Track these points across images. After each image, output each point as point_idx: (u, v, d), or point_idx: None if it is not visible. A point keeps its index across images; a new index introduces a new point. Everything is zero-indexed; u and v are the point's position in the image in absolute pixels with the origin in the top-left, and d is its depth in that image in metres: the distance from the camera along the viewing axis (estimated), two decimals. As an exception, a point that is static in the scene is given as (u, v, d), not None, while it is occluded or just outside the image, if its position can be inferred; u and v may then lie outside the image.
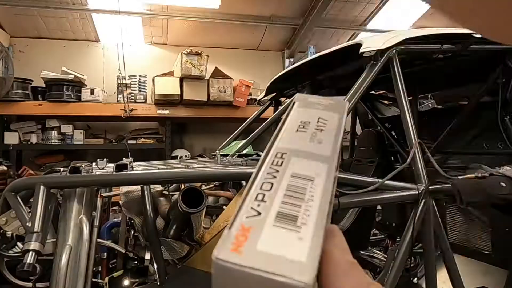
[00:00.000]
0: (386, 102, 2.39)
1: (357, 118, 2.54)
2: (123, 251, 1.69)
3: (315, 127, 0.17)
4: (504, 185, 1.33)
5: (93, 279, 1.43)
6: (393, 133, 2.18)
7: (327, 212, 0.14)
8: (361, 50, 1.41)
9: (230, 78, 3.78)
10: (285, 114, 0.19)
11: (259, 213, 0.13)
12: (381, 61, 1.40)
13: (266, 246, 0.12)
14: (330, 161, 0.16)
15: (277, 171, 0.15)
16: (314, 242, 0.12)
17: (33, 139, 3.67)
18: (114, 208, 2.22)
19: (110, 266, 1.77)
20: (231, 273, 0.11)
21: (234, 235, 0.12)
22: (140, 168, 1.30)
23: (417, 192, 1.28)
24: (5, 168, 3.10)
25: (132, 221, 1.66)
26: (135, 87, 3.94)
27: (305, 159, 0.16)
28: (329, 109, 0.18)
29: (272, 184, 0.14)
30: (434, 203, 1.30)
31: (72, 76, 3.57)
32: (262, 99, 2.45)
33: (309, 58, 1.93)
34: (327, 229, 0.16)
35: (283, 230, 0.12)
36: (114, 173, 1.22)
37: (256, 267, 0.11)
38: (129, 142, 3.87)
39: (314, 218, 0.13)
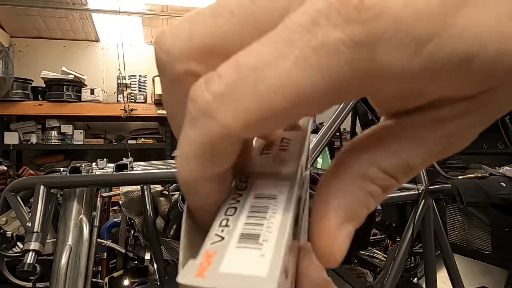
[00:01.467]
0: (386, 102, 2.39)
1: (357, 118, 2.54)
2: (123, 251, 1.69)
3: (278, 148, 0.18)
4: (504, 185, 1.33)
5: (93, 279, 1.42)
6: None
7: (290, 225, 0.14)
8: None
9: (230, 78, 3.77)
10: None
11: (223, 238, 0.13)
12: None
13: (229, 267, 0.12)
14: (292, 178, 0.16)
15: (241, 195, 0.15)
16: (276, 256, 0.12)
17: (33, 139, 3.67)
18: (114, 208, 2.22)
19: (110, 266, 1.77)
20: None
21: (199, 263, 0.12)
22: (140, 168, 1.30)
23: (417, 192, 1.28)
24: (5, 168, 3.09)
25: (132, 221, 1.66)
26: (135, 87, 3.94)
27: (268, 180, 0.16)
28: (292, 129, 0.19)
29: (235, 208, 0.14)
30: (434, 203, 1.30)
31: (72, 76, 3.57)
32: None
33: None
34: (302, 248, 0.16)
35: (245, 250, 0.13)
36: (114, 173, 1.22)
37: (218, 287, 0.11)
38: (129, 142, 3.86)
39: (276, 233, 0.13)
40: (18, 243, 1.21)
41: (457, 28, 0.11)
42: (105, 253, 1.77)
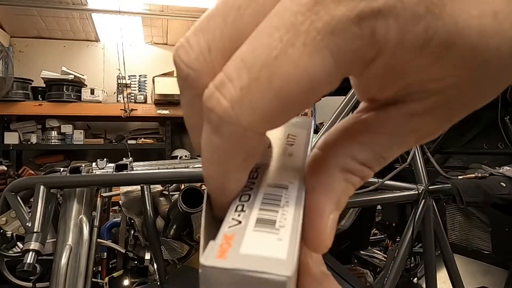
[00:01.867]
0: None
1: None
2: (123, 251, 1.69)
3: (285, 142, 0.19)
4: (504, 185, 1.33)
5: (93, 279, 1.42)
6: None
7: (301, 214, 0.15)
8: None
9: (230, 78, 3.77)
10: None
11: (240, 222, 0.14)
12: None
13: (248, 249, 0.13)
14: (301, 170, 0.17)
15: (253, 183, 0.16)
16: (292, 241, 0.13)
17: (33, 139, 3.67)
18: (114, 208, 2.22)
19: (110, 266, 1.77)
20: (218, 277, 0.12)
21: (219, 244, 0.13)
22: (140, 168, 1.30)
23: (417, 192, 1.28)
24: (5, 168, 3.09)
25: (132, 221, 1.66)
26: (135, 87, 3.94)
27: (278, 170, 0.17)
28: (297, 126, 0.20)
29: (249, 195, 0.15)
30: (434, 203, 1.30)
31: (72, 76, 3.57)
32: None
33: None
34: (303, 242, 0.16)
35: (263, 234, 0.13)
36: (114, 173, 1.22)
37: (241, 268, 0.12)
38: (129, 142, 3.86)
39: (291, 220, 0.14)
40: (18, 243, 1.21)
41: (445, 14, 0.11)
42: (105, 253, 1.77)
